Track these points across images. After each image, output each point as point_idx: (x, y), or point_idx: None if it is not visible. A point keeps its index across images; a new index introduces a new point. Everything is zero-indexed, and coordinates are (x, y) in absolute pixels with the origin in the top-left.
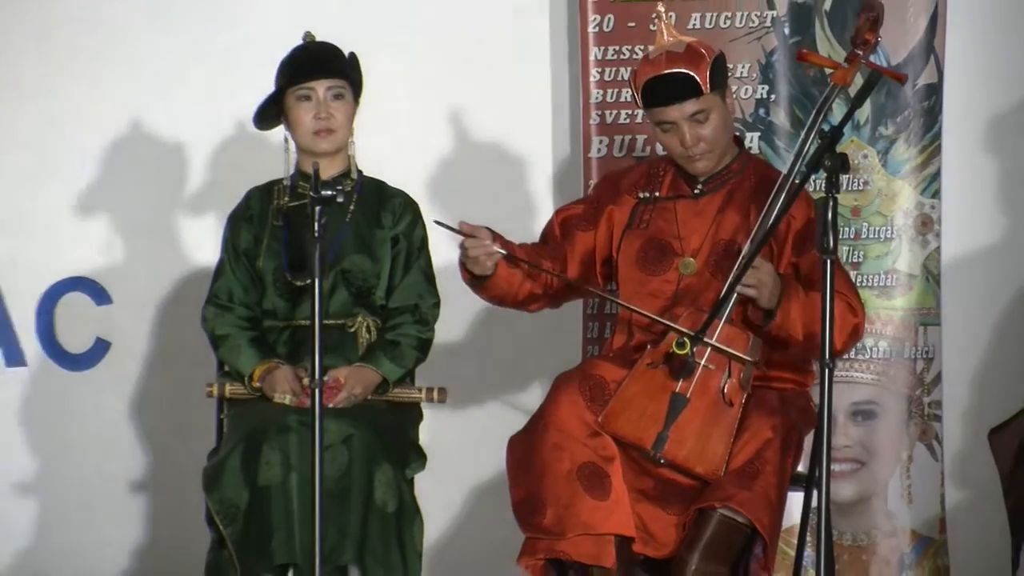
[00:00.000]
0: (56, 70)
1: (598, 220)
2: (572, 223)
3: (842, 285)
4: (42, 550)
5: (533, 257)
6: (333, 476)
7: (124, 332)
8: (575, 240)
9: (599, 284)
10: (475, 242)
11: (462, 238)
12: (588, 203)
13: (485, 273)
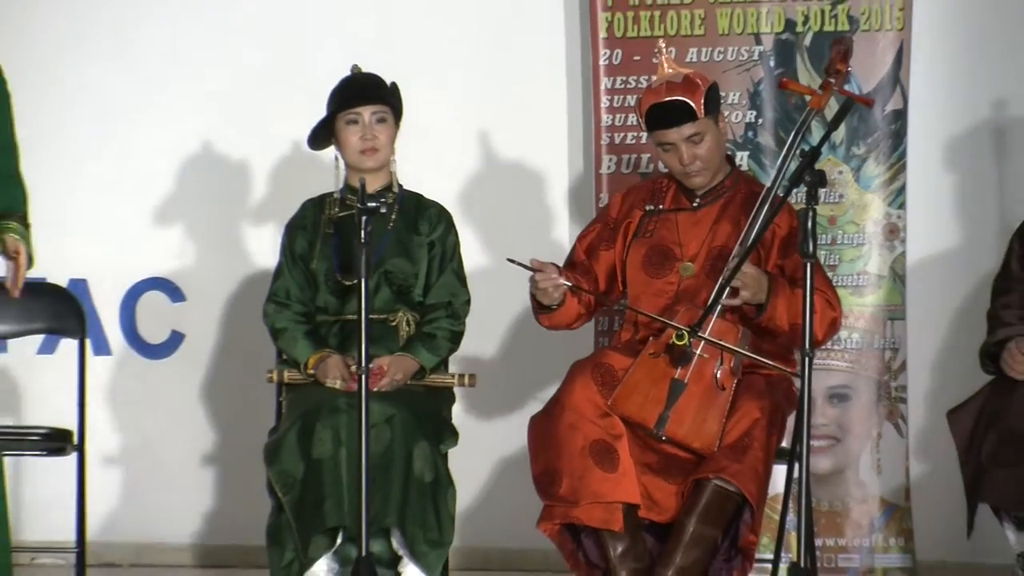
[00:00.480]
0: (140, 99)
1: (615, 238)
2: (594, 245)
3: (822, 284)
4: (126, 514)
5: (579, 283)
6: (377, 451)
7: (196, 326)
8: (600, 259)
9: (619, 290)
10: (544, 276)
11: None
12: (604, 224)
13: (553, 304)
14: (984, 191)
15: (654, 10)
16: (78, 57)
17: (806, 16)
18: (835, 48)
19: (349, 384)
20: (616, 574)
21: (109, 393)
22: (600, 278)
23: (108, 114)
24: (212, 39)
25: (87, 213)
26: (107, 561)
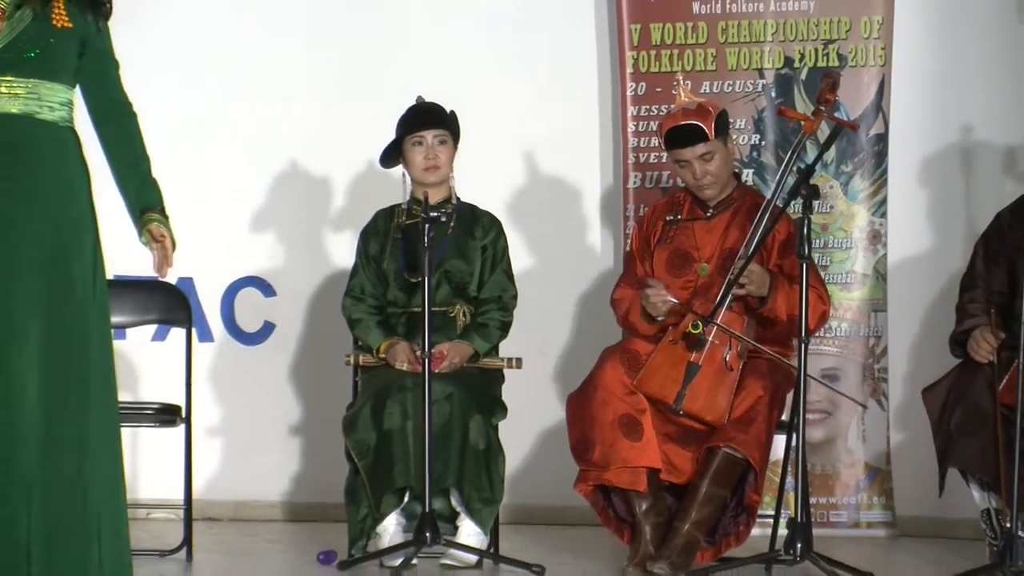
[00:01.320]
0: (236, 121)
1: (649, 242)
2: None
3: (815, 281)
4: (226, 476)
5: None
6: (438, 423)
7: (285, 317)
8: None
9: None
10: (655, 292)
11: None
12: (639, 239)
13: (660, 316)
14: (953, 202)
15: (673, 49)
16: (183, 84)
17: (802, 54)
18: (824, 81)
19: (415, 366)
20: (641, 527)
21: (211, 374)
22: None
23: (210, 135)
24: (298, 72)
25: (193, 221)
26: (209, 516)
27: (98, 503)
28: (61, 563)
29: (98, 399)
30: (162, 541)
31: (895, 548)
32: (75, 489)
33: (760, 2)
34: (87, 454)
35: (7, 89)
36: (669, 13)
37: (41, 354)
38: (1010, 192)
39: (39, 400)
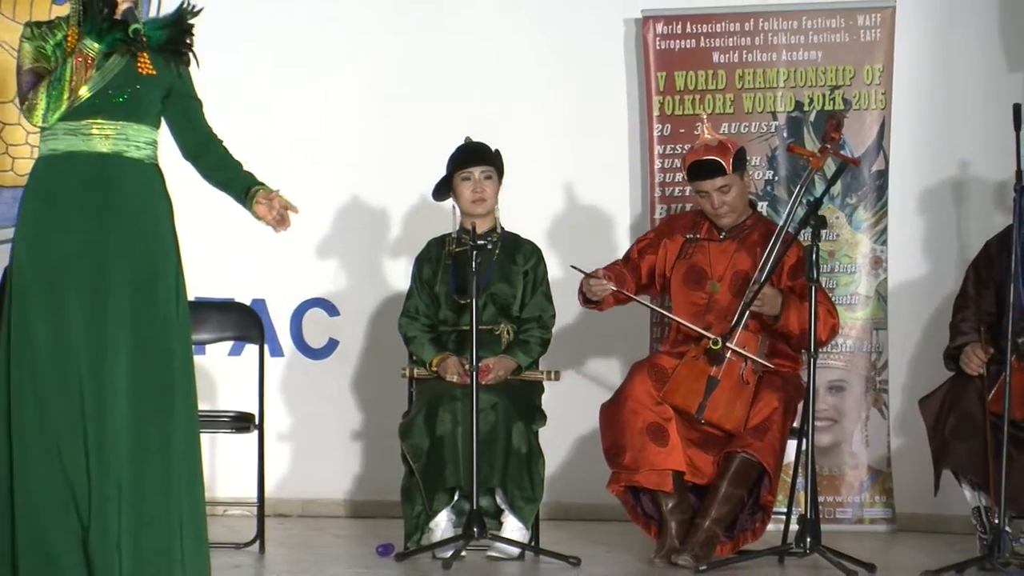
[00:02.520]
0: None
1: (658, 248)
2: (644, 249)
3: (823, 299)
4: (295, 476)
5: (621, 278)
6: (485, 429)
7: (347, 334)
8: (646, 260)
9: (657, 291)
10: (596, 282)
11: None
12: (654, 235)
13: (596, 299)
14: (947, 231)
15: (695, 94)
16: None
17: (811, 99)
18: (829, 122)
19: (464, 378)
20: (667, 523)
21: (281, 385)
22: (643, 272)
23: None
24: (359, 117)
25: (265, 249)
26: (280, 512)
27: (180, 500)
28: (147, 552)
29: (180, 407)
30: (237, 535)
31: (894, 542)
32: (160, 487)
33: (773, 52)
34: (171, 456)
35: (98, 130)
36: (692, 62)
37: (130, 367)
38: (999, 223)
39: (128, 408)
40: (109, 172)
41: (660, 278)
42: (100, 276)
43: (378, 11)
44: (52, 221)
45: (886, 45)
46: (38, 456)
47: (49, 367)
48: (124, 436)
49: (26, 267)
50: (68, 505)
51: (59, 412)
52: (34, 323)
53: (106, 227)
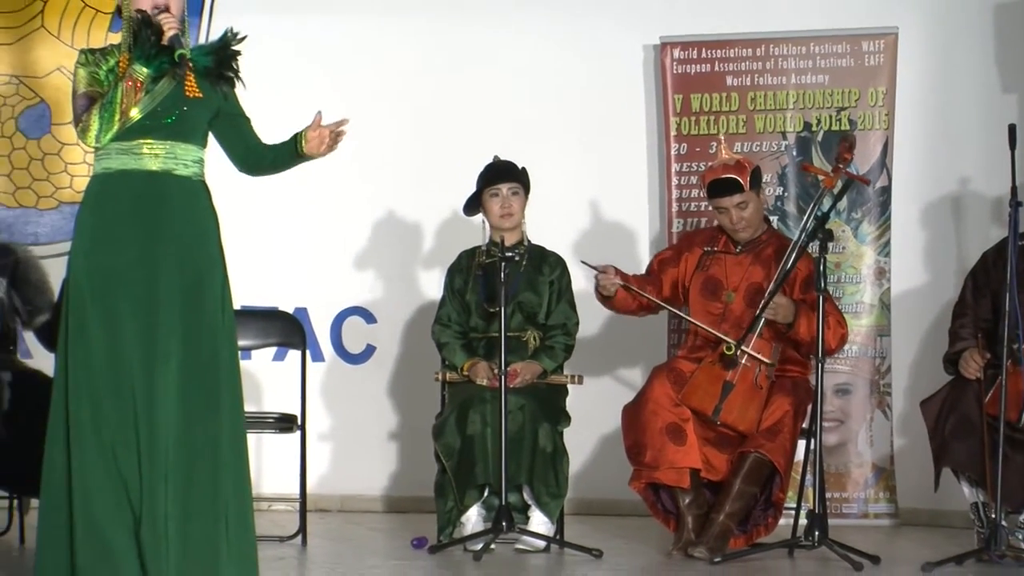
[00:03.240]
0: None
1: (679, 261)
2: (664, 263)
3: (833, 310)
4: (335, 474)
5: (641, 285)
6: (512, 430)
7: (384, 340)
8: (666, 272)
9: (681, 302)
10: (605, 277)
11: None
12: (673, 250)
13: (609, 295)
14: (946, 244)
15: (710, 115)
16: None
17: (819, 119)
18: (843, 143)
19: (492, 382)
20: (684, 518)
21: (322, 389)
22: (665, 286)
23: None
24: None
25: (308, 260)
26: (320, 507)
27: (226, 495)
28: (194, 543)
29: (227, 409)
30: (281, 529)
31: (897, 535)
32: (207, 483)
33: (783, 75)
34: (217, 454)
35: (148, 149)
36: (706, 85)
37: (179, 372)
38: (995, 235)
39: (177, 409)
40: (159, 189)
41: (682, 289)
42: (151, 286)
43: (412, 36)
44: (106, 235)
45: (889, 69)
46: (94, 454)
47: (104, 372)
48: (173, 436)
49: (82, 278)
50: (121, 499)
51: (113, 414)
52: (90, 330)
53: (156, 240)
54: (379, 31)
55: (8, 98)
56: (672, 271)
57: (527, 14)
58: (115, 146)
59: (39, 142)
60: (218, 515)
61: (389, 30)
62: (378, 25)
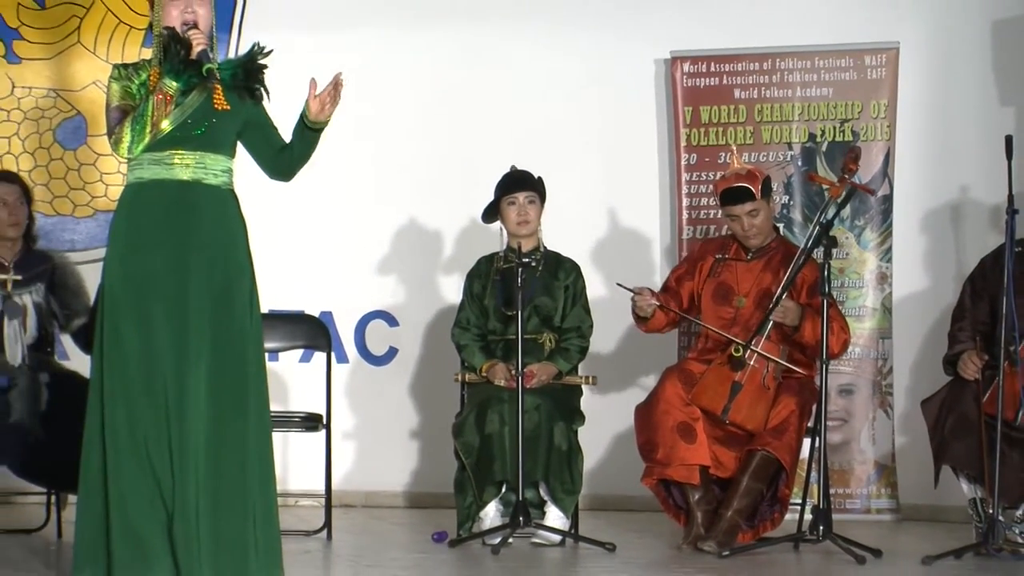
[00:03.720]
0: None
1: (694, 273)
2: (681, 277)
3: (837, 315)
4: (358, 472)
5: (666, 302)
6: (529, 428)
7: (406, 343)
8: (684, 287)
9: (698, 310)
10: (642, 298)
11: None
12: (689, 263)
13: (646, 315)
14: (945, 250)
15: (718, 127)
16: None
17: (823, 131)
18: (849, 154)
19: (510, 383)
20: (694, 513)
21: (346, 389)
22: (684, 299)
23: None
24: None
25: (333, 266)
26: (345, 503)
27: (254, 491)
28: (224, 536)
29: (254, 408)
30: (307, 524)
31: (899, 530)
32: (235, 479)
33: (788, 88)
34: (245, 452)
35: (179, 160)
36: (715, 98)
37: (209, 373)
38: (992, 242)
39: (207, 409)
40: (189, 197)
41: (696, 298)
42: (183, 291)
43: (433, 51)
44: (139, 241)
45: (890, 82)
46: (128, 454)
47: (137, 373)
48: (203, 435)
49: (117, 283)
50: (154, 496)
51: (146, 414)
52: (124, 333)
53: (187, 247)
54: (401, 47)
55: (46, 111)
56: (689, 284)
57: (543, 30)
58: (147, 157)
59: (76, 153)
60: (246, 511)
61: (411, 46)
62: (400, 41)
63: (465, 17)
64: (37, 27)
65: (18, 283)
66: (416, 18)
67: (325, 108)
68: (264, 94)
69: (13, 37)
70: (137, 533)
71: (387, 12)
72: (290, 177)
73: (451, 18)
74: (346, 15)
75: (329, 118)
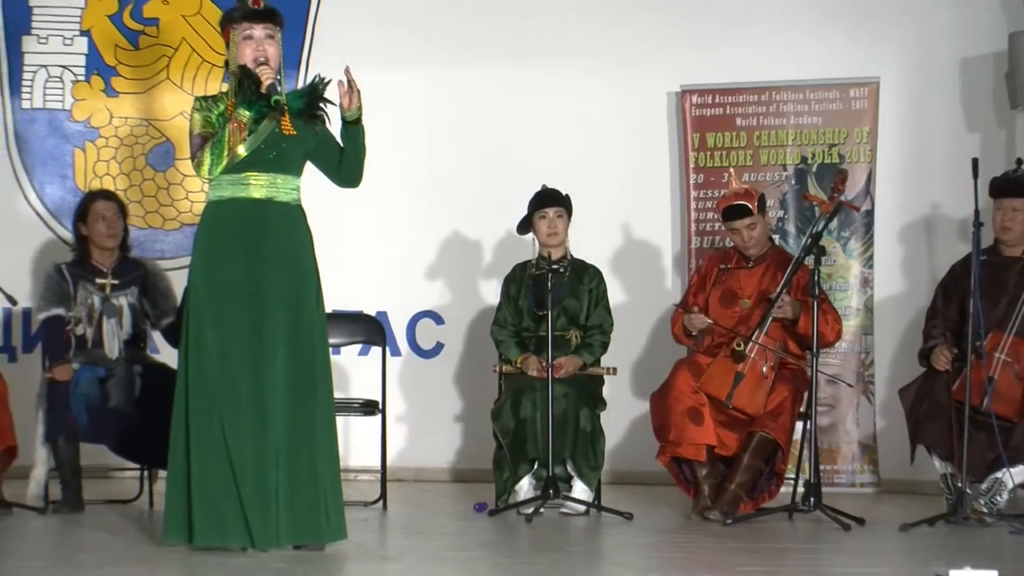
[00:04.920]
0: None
1: (705, 287)
2: (696, 293)
3: (831, 310)
4: (409, 450)
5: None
6: (558, 413)
7: (451, 338)
8: (698, 298)
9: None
10: (698, 317)
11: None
12: (699, 277)
13: (696, 333)
14: (920, 258)
15: (722, 151)
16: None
17: (813, 154)
18: (838, 176)
19: (541, 373)
20: (701, 487)
21: (399, 379)
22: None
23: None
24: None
25: (388, 271)
26: (398, 478)
27: (323, 467)
28: (300, 506)
29: (322, 396)
30: (365, 495)
31: (880, 501)
32: (308, 457)
33: (783, 117)
34: (315, 433)
35: (254, 180)
36: (720, 126)
37: (285, 365)
38: (961, 251)
39: (284, 395)
40: (263, 213)
41: (705, 305)
42: (258, 295)
43: (476, 85)
44: (219, 252)
45: (872, 112)
46: (207, 437)
47: (217, 367)
48: (282, 418)
49: (200, 288)
50: (228, 475)
51: (224, 403)
52: (206, 332)
53: (261, 256)
54: (448, 82)
55: (139, 138)
56: (702, 296)
57: (572, 68)
58: (226, 178)
59: (165, 174)
60: (318, 484)
61: (457, 81)
62: (447, 77)
63: (505, 58)
64: (131, 65)
65: (115, 287)
66: (463, 58)
67: (352, 100)
68: (327, 118)
69: (111, 74)
70: (215, 506)
71: (438, 52)
72: (356, 182)
73: (493, 58)
74: (401, 54)
75: (359, 108)
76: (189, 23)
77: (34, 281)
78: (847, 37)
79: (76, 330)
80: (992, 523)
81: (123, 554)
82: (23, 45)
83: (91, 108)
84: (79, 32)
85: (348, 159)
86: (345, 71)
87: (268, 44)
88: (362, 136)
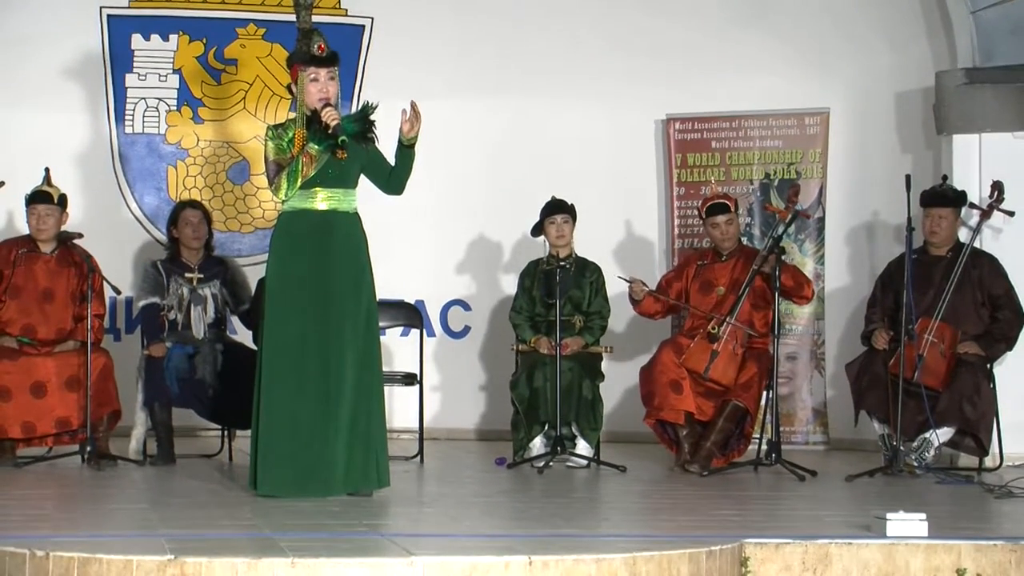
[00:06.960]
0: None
1: (681, 276)
2: (670, 280)
3: (801, 277)
4: (442, 414)
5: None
6: (564, 384)
7: (477, 322)
8: (673, 287)
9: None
10: (636, 285)
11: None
12: (676, 270)
13: (639, 299)
14: (862, 257)
15: (700, 168)
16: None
17: (775, 171)
18: (791, 189)
19: (551, 351)
20: (682, 445)
21: (434, 356)
22: (672, 294)
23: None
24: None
25: (426, 267)
26: (433, 436)
27: (376, 429)
28: (356, 459)
29: (376, 370)
30: (406, 451)
31: (829, 457)
32: (364, 419)
33: (750, 141)
34: (371, 401)
35: (319, 194)
36: (698, 147)
37: (349, 342)
38: (896, 251)
39: (351, 368)
40: (327, 221)
41: (684, 293)
42: (325, 288)
43: (498, 116)
44: (291, 252)
45: (824, 136)
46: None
47: (289, 348)
48: (350, 385)
49: (274, 283)
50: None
51: (293, 378)
52: (280, 319)
53: (326, 255)
54: (477, 110)
55: (221, 157)
56: (677, 284)
57: (574, 98)
58: (296, 193)
59: (241, 187)
60: (371, 442)
61: (484, 110)
62: (476, 106)
63: (520, 92)
64: (214, 96)
65: (201, 280)
66: (487, 91)
67: (414, 127)
68: (376, 138)
69: (198, 104)
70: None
71: (466, 86)
72: (400, 191)
73: (511, 93)
74: (436, 88)
75: (417, 134)
76: (261, 63)
77: (134, 275)
78: (803, 75)
79: (169, 315)
80: (921, 475)
81: (207, 499)
82: (126, 81)
83: (181, 133)
84: (172, 70)
85: (398, 173)
86: (411, 104)
87: (330, 85)
88: (413, 158)
